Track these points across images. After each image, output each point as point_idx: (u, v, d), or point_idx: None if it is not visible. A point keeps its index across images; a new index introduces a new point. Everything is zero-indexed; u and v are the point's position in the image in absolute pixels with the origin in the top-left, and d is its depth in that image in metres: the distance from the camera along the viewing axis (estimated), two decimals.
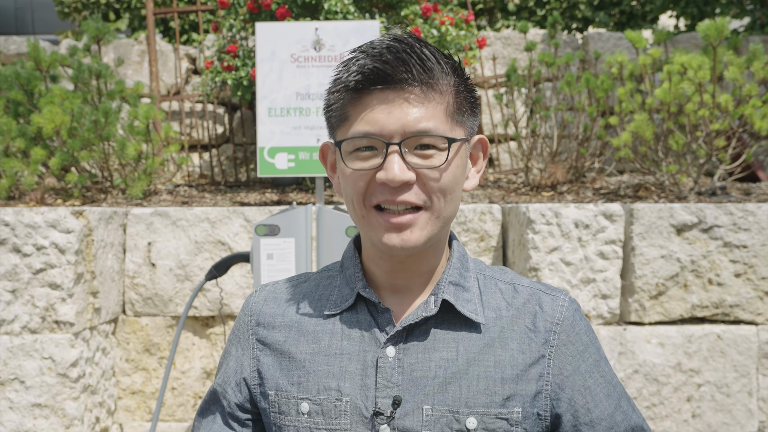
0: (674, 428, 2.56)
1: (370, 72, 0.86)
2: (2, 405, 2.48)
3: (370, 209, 0.90)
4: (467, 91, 0.92)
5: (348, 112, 0.89)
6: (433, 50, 0.89)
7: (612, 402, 0.96)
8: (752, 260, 2.58)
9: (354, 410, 0.92)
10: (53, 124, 3.21)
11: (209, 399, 1.05)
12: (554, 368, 0.94)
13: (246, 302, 1.06)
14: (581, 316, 0.99)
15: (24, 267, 2.49)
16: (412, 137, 0.87)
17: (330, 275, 1.03)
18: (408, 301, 0.97)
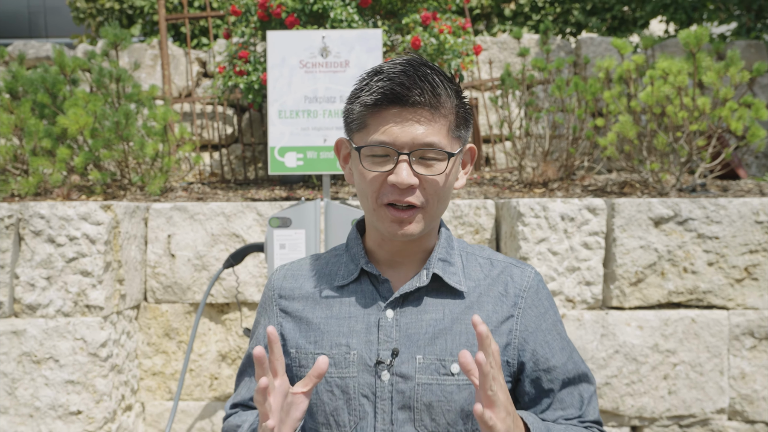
0: (652, 404, 2.80)
1: (390, 93, 1.06)
2: (38, 382, 2.71)
3: (381, 205, 1.12)
4: (464, 110, 1.13)
5: (367, 122, 1.10)
6: (441, 77, 1.09)
7: (565, 354, 1.19)
8: (723, 250, 2.82)
9: (360, 361, 1.15)
10: (78, 125, 3.44)
11: (247, 361, 1.28)
12: (521, 325, 1.17)
13: (269, 279, 1.29)
14: (544, 286, 1.22)
15: (58, 256, 2.73)
16: (419, 149, 1.08)
17: (337, 254, 1.26)
18: (403, 274, 1.20)
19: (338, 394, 1.15)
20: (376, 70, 1.11)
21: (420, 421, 1.12)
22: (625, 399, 2.79)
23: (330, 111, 3.29)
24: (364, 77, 1.12)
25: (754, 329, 2.83)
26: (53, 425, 2.72)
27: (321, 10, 3.68)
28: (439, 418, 1.12)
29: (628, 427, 2.84)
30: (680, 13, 5.74)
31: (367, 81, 1.11)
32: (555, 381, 1.17)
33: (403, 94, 1.06)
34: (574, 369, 1.19)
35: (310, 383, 1.04)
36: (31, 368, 2.71)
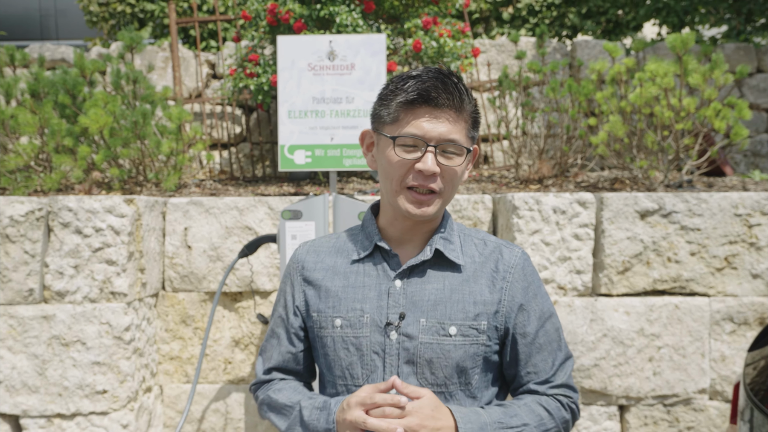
0: (638, 384, 3.00)
1: (426, 94, 1.27)
2: (67, 363, 2.92)
3: (404, 188, 1.32)
4: (477, 115, 1.35)
5: (400, 116, 1.29)
6: (464, 87, 1.31)
7: (540, 323, 1.38)
8: (705, 241, 3.02)
9: (372, 323, 1.35)
10: (98, 125, 3.64)
11: (274, 325, 1.48)
12: (508, 296, 1.37)
13: (293, 254, 1.49)
14: (530, 264, 1.42)
15: (85, 246, 2.93)
16: (444, 144, 1.29)
17: (353, 233, 1.47)
18: (410, 249, 1.40)
19: (353, 351, 1.35)
20: (411, 75, 1.31)
21: (422, 374, 1.32)
22: (612, 379, 2.99)
23: (337, 111, 3.49)
24: (398, 80, 1.32)
25: (734, 315, 3.03)
26: (80, 404, 2.92)
27: (327, 15, 3.88)
28: (437, 372, 1.32)
29: (616, 406, 3.04)
30: (672, 17, 5.94)
31: (402, 82, 1.30)
32: (531, 345, 1.37)
33: (435, 96, 1.27)
34: (544, 336, 1.38)
35: None
36: (60, 350, 2.91)
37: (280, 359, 1.46)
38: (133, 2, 5.82)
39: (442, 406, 1.26)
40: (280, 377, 1.47)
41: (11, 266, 2.91)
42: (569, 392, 1.39)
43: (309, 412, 1.33)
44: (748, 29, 6.06)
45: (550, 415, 1.34)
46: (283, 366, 1.46)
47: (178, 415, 3.40)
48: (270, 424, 3.41)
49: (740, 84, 5.72)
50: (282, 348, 1.46)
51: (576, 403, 1.40)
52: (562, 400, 1.37)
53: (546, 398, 1.36)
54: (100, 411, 2.93)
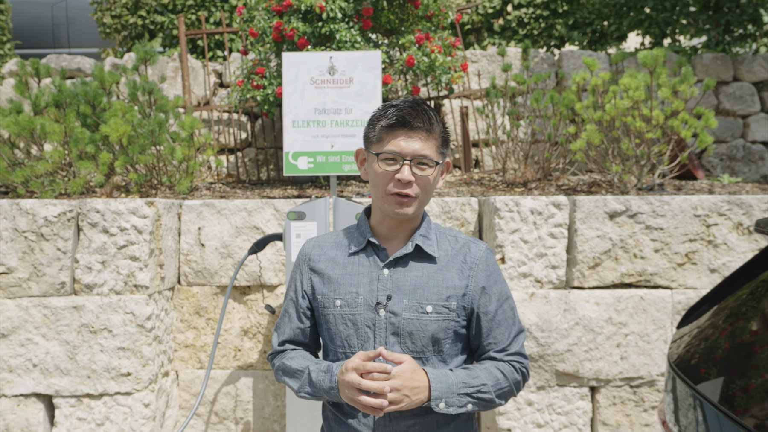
0: (607, 367, 3.34)
1: (402, 119, 1.61)
2: (95, 348, 3.26)
3: (388, 194, 1.65)
4: (446, 135, 1.69)
5: (383, 137, 1.63)
6: (434, 113, 1.65)
7: (499, 303, 1.71)
8: (667, 239, 3.36)
9: (365, 303, 1.68)
10: (118, 133, 3.98)
11: (286, 306, 1.82)
12: (474, 282, 1.70)
13: (302, 248, 1.83)
14: (492, 256, 1.75)
15: (111, 244, 3.27)
16: (417, 158, 1.62)
17: (350, 231, 1.80)
18: (395, 245, 1.74)
19: (350, 326, 1.69)
20: (392, 104, 1.65)
21: (404, 343, 1.66)
22: (584, 363, 3.33)
23: (336, 121, 3.83)
24: (382, 108, 1.66)
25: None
26: (107, 385, 3.26)
27: (328, 32, 4.22)
28: (417, 342, 1.66)
29: (587, 388, 3.38)
30: (654, 28, 6.27)
31: (385, 110, 1.65)
32: (491, 322, 1.70)
33: (410, 120, 1.61)
34: (502, 314, 1.71)
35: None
36: (89, 337, 3.25)
37: (291, 333, 1.80)
38: (144, 14, 6.16)
39: (419, 369, 1.59)
40: (292, 348, 1.81)
41: (45, 262, 3.25)
42: (521, 359, 1.73)
43: (316, 375, 1.66)
44: (727, 39, 6.39)
45: (504, 376, 1.68)
46: (294, 339, 1.80)
47: (192, 397, 3.74)
48: (276, 404, 3.75)
49: (717, 92, 6.06)
50: (293, 324, 1.79)
51: (526, 367, 1.73)
52: (515, 365, 1.71)
53: (502, 363, 1.70)
54: (125, 391, 3.27)
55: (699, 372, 1.74)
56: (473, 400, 1.62)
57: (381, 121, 1.64)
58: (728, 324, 1.78)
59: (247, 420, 3.78)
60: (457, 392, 1.60)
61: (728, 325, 1.77)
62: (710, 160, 5.89)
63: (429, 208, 3.70)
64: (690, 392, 1.69)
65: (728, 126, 5.95)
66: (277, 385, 3.78)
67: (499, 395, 1.66)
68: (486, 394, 1.63)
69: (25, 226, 3.24)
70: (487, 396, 1.63)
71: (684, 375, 1.78)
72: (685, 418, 1.72)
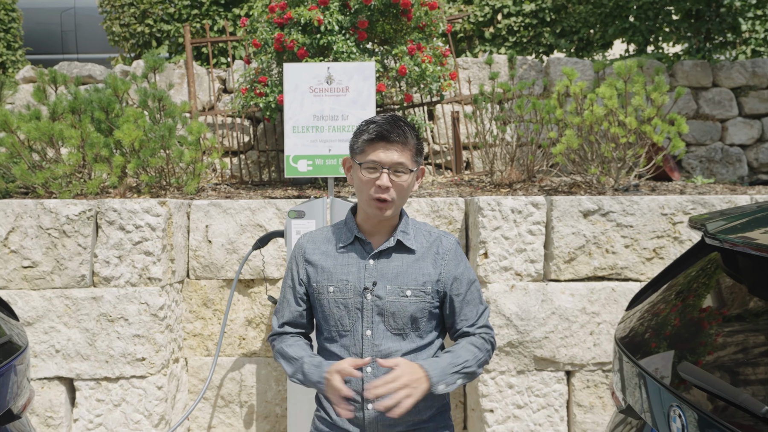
0: (581, 353, 3.64)
1: (381, 133, 1.91)
2: (112, 336, 3.56)
3: (370, 198, 1.96)
4: (420, 146, 1.99)
5: (365, 149, 1.93)
6: (409, 127, 1.94)
7: (468, 286, 2.01)
8: (636, 236, 3.67)
9: (354, 288, 1.98)
10: (130, 138, 4.29)
11: (285, 292, 2.12)
12: (445, 270, 2.00)
13: (297, 242, 2.13)
14: (459, 248, 2.05)
15: (127, 240, 3.58)
16: (394, 166, 1.92)
17: (338, 227, 2.10)
18: (378, 239, 2.03)
19: (342, 308, 1.99)
20: (373, 121, 1.95)
21: (387, 322, 1.96)
22: (560, 350, 3.64)
23: (334, 127, 4.13)
24: (364, 123, 1.96)
25: None
26: (123, 369, 3.57)
27: (326, 44, 4.52)
28: (398, 321, 1.96)
29: (563, 372, 3.69)
30: (638, 36, 6.58)
31: (367, 126, 1.95)
32: (461, 302, 2.01)
33: (387, 135, 1.91)
34: (470, 294, 2.02)
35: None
36: (107, 325, 3.56)
37: (289, 316, 2.10)
38: (151, 23, 6.47)
39: (413, 364, 1.86)
40: (290, 330, 2.11)
41: (67, 256, 3.56)
42: (488, 330, 2.03)
43: (308, 367, 1.95)
44: (708, 47, 6.69)
45: (478, 349, 1.98)
46: (292, 321, 2.10)
47: (200, 382, 4.05)
48: (278, 389, 4.05)
49: (697, 97, 6.36)
50: (291, 308, 2.10)
51: (493, 337, 2.04)
52: (484, 336, 2.01)
53: (474, 337, 2.00)
54: (140, 375, 3.58)
55: (640, 347, 2.04)
56: (461, 375, 1.92)
57: (363, 135, 1.94)
58: (661, 307, 2.08)
59: (251, 403, 4.09)
60: (449, 373, 1.89)
61: (661, 309, 2.08)
62: (690, 162, 6.19)
63: (419, 207, 4.00)
64: (632, 365, 1.99)
65: (707, 129, 6.25)
66: (278, 371, 4.08)
67: (479, 365, 1.97)
68: (470, 368, 1.93)
69: (49, 224, 3.55)
70: (471, 369, 1.94)
71: (627, 350, 2.08)
72: (630, 388, 2.02)
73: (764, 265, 1.73)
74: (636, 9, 6.52)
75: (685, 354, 1.78)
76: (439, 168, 5.87)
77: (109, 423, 3.56)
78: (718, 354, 1.69)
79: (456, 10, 6.52)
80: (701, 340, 1.79)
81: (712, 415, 1.50)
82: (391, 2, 4.65)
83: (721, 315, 1.83)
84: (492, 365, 3.65)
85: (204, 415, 4.08)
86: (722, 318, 1.81)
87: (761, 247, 1.68)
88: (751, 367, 1.58)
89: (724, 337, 1.73)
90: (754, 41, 6.70)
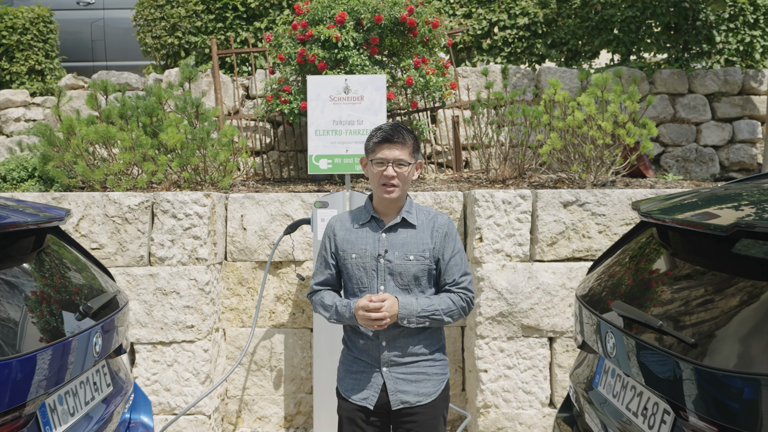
0: (561, 322, 4.31)
1: (385, 137, 2.59)
2: (166, 307, 4.23)
3: (380, 185, 2.63)
4: (416, 144, 2.66)
5: (375, 149, 2.61)
6: (407, 131, 2.62)
7: (453, 254, 2.65)
8: (609, 223, 4.33)
9: (370, 255, 2.64)
10: (174, 140, 4.96)
11: (319, 261, 2.78)
12: (438, 241, 2.66)
13: (329, 222, 2.79)
14: (452, 224, 2.71)
15: (178, 226, 4.25)
16: (396, 161, 2.59)
17: (359, 210, 2.77)
18: (389, 218, 2.69)
19: (361, 270, 2.65)
20: (380, 128, 2.62)
21: (396, 280, 2.62)
22: (543, 319, 4.30)
23: (350, 130, 4.80)
24: (374, 130, 2.63)
25: None
26: (175, 334, 4.24)
27: (342, 57, 5.20)
28: (404, 279, 2.62)
29: (546, 338, 4.35)
30: (622, 47, 7.25)
31: (375, 132, 2.63)
32: (447, 264, 2.65)
33: (390, 137, 2.58)
34: (455, 264, 2.69)
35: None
36: (162, 298, 4.23)
37: (322, 278, 2.77)
38: (180, 35, 7.15)
39: (395, 300, 2.53)
40: (324, 288, 2.78)
41: (129, 240, 4.23)
42: (467, 292, 2.68)
43: (341, 308, 2.63)
44: (685, 56, 7.36)
45: (453, 303, 2.64)
46: (324, 281, 2.77)
47: (236, 350, 4.72)
48: (302, 355, 4.72)
49: (674, 102, 7.03)
50: (325, 272, 2.76)
51: (471, 298, 2.69)
52: (462, 295, 2.67)
53: (453, 294, 2.66)
54: (189, 340, 4.25)
55: (592, 298, 2.71)
56: (429, 320, 2.58)
57: (373, 139, 2.62)
58: (611, 270, 2.75)
59: (279, 368, 4.76)
60: (417, 315, 2.56)
61: (610, 271, 2.75)
62: (667, 161, 6.86)
63: (424, 200, 4.67)
64: (585, 311, 2.66)
65: (683, 132, 6.92)
66: (303, 340, 4.75)
67: (449, 315, 2.61)
68: (438, 315, 2.59)
69: (113, 213, 4.23)
70: (439, 316, 2.59)
71: (583, 302, 2.75)
72: (585, 329, 2.69)
73: (679, 234, 2.40)
74: (620, 22, 7.18)
75: (619, 297, 2.45)
76: (441, 166, 6.53)
77: (164, 380, 4.24)
78: (642, 296, 2.36)
79: (456, 23, 7.19)
80: (633, 289, 2.46)
81: (627, 331, 2.17)
82: (399, 21, 5.32)
83: (650, 270, 2.50)
84: (486, 332, 4.32)
85: (239, 378, 4.75)
86: (650, 272, 2.48)
87: (675, 221, 2.35)
88: (664, 303, 2.24)
89: (649, 285, 2.40)
90: (727, 51, 7.36)
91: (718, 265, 2.11)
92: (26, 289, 2.16)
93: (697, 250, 2.30)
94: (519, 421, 4.30)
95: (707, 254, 2.21)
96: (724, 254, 2.09)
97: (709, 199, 2.60)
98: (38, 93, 7.69)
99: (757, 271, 1.90)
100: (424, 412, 2.63)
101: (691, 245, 2.36)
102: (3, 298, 1.98)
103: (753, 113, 6.97)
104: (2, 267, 2.09)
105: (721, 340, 1.86)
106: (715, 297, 2.04)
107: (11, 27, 7.68)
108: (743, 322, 1.84)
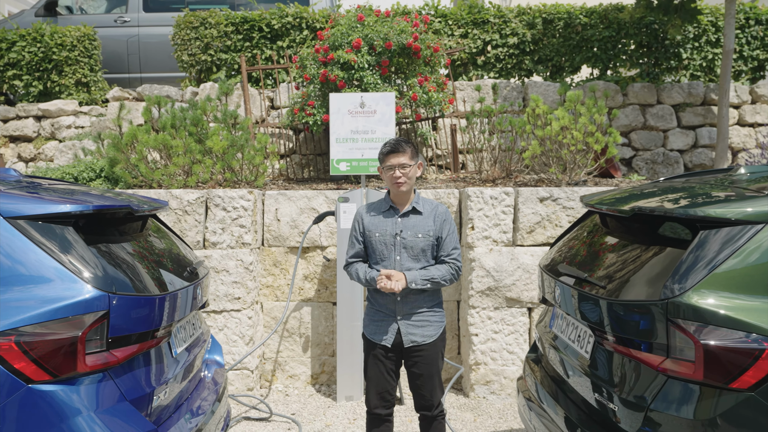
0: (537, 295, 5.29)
1: (392, 149, 3.59)
2: (218, 282, 5.23)
3: (392, 183, 3.63)
4: (415, 150, 3.66)
5: (384, 158, 3.58)
6: (405, 142, 3.62)
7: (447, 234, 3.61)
8: (576, 215, 5.32)
9: (390, 234, 3.63)
10: (218, 146, 5.96)
11: (351, 239, 3.79)
12: (438, 224, 3.64)
13: (357, 211, 3.79)
14: (449, 213, 3.70)
15: (227, 217, 5.25)
16: (401, 165, 3.58)
17: (379, 202, 3.77)
18: (403, 207, 3.70)
19: (382, 245, 3.64)
20: (387, 142, 3.62)
21: (409, 253, 3.60)
22: (523, 293, 5.30)
23: (365, 138, 5.80)
24: (383, 145, 3.63)
25: None
26: (225, 305, 5.23)
27: (358, 77, 6.20)
28: (414, 251, 3.60)
29: (526, 308, 5.35)
30: (599, 63, 8.25)
31: (384, 146, 3.62)
32: (444, 242, 3.63)
33: (395, 149, 3.58)
34: (450, 241, 3.68)
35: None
36: (214, 275, 5.23)
37: (353, 252, 3.76)
38: (212, 53, 8.16)
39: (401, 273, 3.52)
40: (356, 260, 3.77)
41: (188, 228, 5.23)
42: (456, 262, 3.66)
43: (367, 275, 3.62)
44: (656, 71, 8.35)
45: (446, 269, 3.63)
46: (355, 254, 3.76)
47: (272, 320, 5.72)
48: (326, 325, 5.72)
49: (645, 112, 8.02)
50: (356, 247, 3.76)
51: (459, 267, 3.66)
52: (452, 264, 3.65)
53: (445, 264, 3.65)
54: (236, 309, 5.24)
55: (550, 264, 3.71)
56: (429, 282, 3.56)
57: (382, 150, 3.61)
58: (565, 244, 3.75)
59: (307, 335, 5.76)
60: (420, 278, 3.55)
61: (564, 245, 3.74)
62: (638, 164, 7.85)
63: (426, 196, 5.67)
64: (545, 274, 3.65)
65: (652, 138, 7.91)
66: (327, 312, 5.75)
67: (443, 279, 3.57)
68: (435, 279, 3.56)
69: (176, 206, 5.23)
70: (436, 280, 3.57)
71: (543, 269, 3.75)
72: (544, 288, 3.68)
73: (611, 218, 3.40)
74: (598, 41, 8.19)
75: (569, 263, 3.45)
76: (440, 168, 7.53)
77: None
78: (586, 262, 3.36)
79: (455, 42, 8.20)
80: (579, 257, 3.46)
81: (568, 284, 3.18)
82: (406, 46, 6.33)
83: (590, 243, 3.51)
84: (477, 303, 5.32)
85: (274, 343, 5.75)
86: (591, 245, 3.48)
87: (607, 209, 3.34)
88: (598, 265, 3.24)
89: (591, 254, 3.40)
90: (692, 67, 8.36)
91: (635, 239, 3.12)
92: (155, 252, 3.17)
93: (624, 228, 3.30)
94: (504, 376, 5.31)
95: (630, 231, 3.22)
96: (638, 230, 3.10)
97: (634, 194, 3.60)
98: (84, 103, 8.70)
99: (648, 240, 2.91)
100: (427, 349, 3.63)
101: (621, 226, 3.36)
102: (146, 257, 2.98)
103: (713, 122, 7.96)
104: (139, 237, 3.09)
105: (622, 283, 2.87)
106: (627, 258, 3.04)
107: (61, 44, 8.68)
108: (635, 271, 2.84)
